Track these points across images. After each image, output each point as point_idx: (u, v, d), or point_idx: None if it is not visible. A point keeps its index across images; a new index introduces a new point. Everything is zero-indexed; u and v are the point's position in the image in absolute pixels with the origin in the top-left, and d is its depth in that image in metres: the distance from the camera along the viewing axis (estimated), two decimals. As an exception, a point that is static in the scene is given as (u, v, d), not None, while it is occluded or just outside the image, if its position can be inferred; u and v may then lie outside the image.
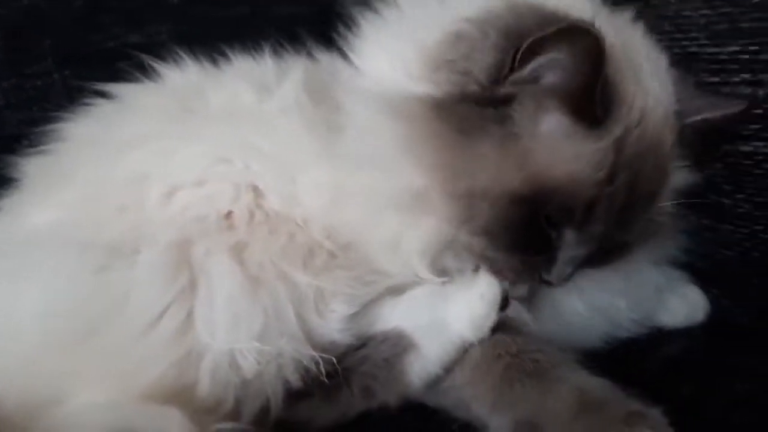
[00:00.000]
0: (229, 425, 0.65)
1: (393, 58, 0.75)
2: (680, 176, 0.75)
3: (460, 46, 0.70)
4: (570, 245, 0.70)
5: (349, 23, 0.81)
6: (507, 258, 0.72)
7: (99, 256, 0.71)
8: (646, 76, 0.71)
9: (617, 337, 0.84)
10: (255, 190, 0.76)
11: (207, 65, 0.90)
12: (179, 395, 0.66)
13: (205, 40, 1.33)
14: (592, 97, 0.65)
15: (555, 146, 0.67)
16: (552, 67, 0.64)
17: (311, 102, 0.80)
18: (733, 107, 0.73)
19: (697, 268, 0.88)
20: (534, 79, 0.66)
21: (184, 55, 0.89)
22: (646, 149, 0.69)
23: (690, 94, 0.75)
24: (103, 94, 0.88)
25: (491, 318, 0.71)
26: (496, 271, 0.73)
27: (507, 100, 0.67)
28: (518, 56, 0.63)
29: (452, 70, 0.69)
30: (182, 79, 0.88)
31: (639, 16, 0.78)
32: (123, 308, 0.68)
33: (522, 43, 0.62)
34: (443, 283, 0.75)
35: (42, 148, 0.87)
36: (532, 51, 0.63)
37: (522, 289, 0.74)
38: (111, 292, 0.69)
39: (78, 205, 0.77)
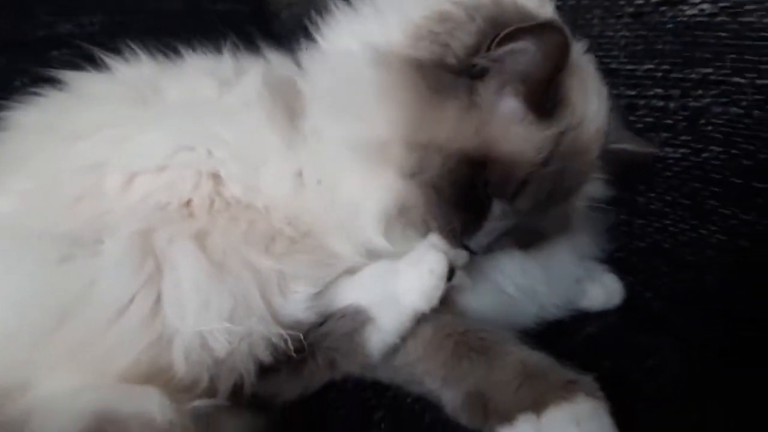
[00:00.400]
0: (205, 402, 0.67)
1: (371, 32, 0.80)
2: (597, 186, 0.84)
3: (446, 24, 0.77)
4: (496, 217, 0.78)
5: (322, 13, 0.86)
6: (446, 214, 0.78)
7: (60, 245, 0.71)
8: (590, 94, 0.80)
9: (545, 319, 0.92)
10: (215, 178, 0.77)
11: (161, 60, 0.90)
12: (155, 377, 0.68)
13: (138, 33, 1.35)
14: (546, 91, 0.74)
15: (507, 125, 0.75)
16: (522, 53, 0.72)
17: (272, 96, 0.82)
18: (648, 149, 0.86)
19: (614, 258, 0.97)
20: (503, 60, 0.73)
21: (136, 49, 0.89)
22: (576, 150, 0.78)
23: (618, 125, 0.85)
24: (51, 82, 0.87)
25: (440, 289, 0.76)
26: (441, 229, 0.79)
27: (478, 75, 0.75)
28: (497, 39, 0.71)
29: (434, 41, 0.76)
30: (134, 72, 0.88)
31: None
32: (90, 296, 0.69)
33: (502, 30, 0.71)
34: (394, 260, 0.79)
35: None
36: (510, 37, 0.71)
37: (463, 258, 0.80)
38: (77, 281, 0.69)
39: (32, 195, 0.76)
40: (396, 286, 0.77)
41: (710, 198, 0.84)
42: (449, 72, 0.75)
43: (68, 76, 0.87)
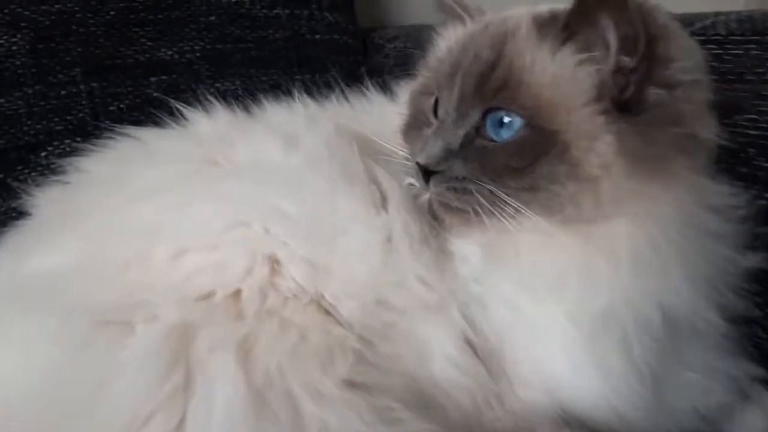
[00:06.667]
0: None
1: None
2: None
3: None
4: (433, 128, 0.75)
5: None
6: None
7: (85, 325, 0.63)
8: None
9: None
10: (273, 261, 0.68)
11: (238, 113, 0.87)
12: None
13: (238, 61, 1.42)
14: None
15: None
16: None
17: (344, 148, 0.76)
18: None
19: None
20: None
21: (214, 101, 0.87)
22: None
23: None
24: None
25: None
26: None
27: None
28: None
29: None
30: (210, 127, 0.85)
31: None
32: (102, 396, 0.59)
33: None
34: None
35: (59, 179, 0.84)
36: None
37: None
38: (93, 375, 0.60)
39: (81, 254, 0.71)
40: None
41: None
42: None
43: (143, 131, 0.85)
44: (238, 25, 1.41)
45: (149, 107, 1.03)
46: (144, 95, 1.31)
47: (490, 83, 0.69)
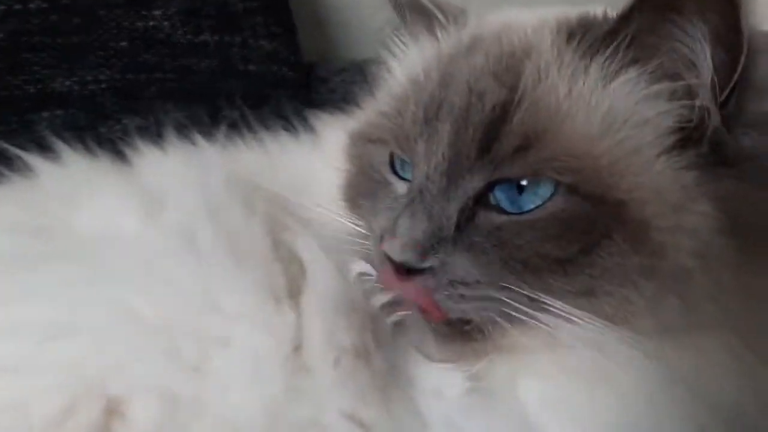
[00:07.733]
0: None
1: None
2: None
3: None
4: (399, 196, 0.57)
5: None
6: None
7: None
8: None
9: None
10: (107, 397, 0.48)
11: (104, 159, 0.68)
12: None
13: (154, 93, 1.29)
14: None
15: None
16: None
17: (232, 214, 0.57)
18: None
19: None
20: None
21: (70, 146, 0.68)
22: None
23: None
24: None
25: None
26: None
27: None
28: None
29: None
30: (58, 179, 0.66)
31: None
32: None
33: None
34: None
35: None
36: None
37: None
38: None
39: None
40: None
41: None
42: None
43: None
44: (154, 53, 1.30)
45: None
46: (31, 133, 1.16)
47: (505, 141, 0.48)
